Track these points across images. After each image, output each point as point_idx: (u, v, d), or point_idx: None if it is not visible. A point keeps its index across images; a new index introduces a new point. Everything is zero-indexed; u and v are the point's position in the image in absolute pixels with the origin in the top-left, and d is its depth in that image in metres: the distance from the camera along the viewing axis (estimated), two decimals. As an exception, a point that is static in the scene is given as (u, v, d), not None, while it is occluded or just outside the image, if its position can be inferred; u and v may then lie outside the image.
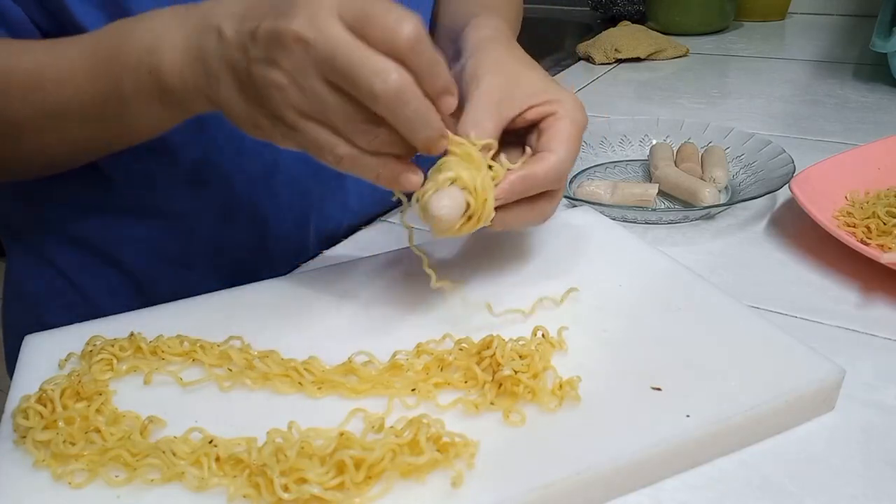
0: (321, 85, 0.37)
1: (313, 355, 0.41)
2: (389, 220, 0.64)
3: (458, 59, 0.48)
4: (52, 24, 0.49)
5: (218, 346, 0.42)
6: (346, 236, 0.62)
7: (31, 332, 0.45)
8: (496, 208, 0.42)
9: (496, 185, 0.41)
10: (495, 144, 0.42)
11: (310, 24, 0.36)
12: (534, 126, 0.45)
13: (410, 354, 0.41)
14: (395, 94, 0.36)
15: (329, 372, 0.40)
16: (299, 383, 0.39)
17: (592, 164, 0.72)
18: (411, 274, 0.50)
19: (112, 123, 0.46)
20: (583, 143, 0.71)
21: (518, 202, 0.43)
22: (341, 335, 0.44)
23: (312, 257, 0.58)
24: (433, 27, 0.68)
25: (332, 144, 0.39)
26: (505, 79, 0.45)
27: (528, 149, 0.44)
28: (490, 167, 0.41)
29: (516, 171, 0.42)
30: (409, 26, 0.36)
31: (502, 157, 0.43)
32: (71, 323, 0.46)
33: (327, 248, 0.60)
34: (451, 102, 0.40)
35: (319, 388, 0.39)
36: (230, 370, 0.41)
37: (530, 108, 0.45)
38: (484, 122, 0.43)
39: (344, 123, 0.38)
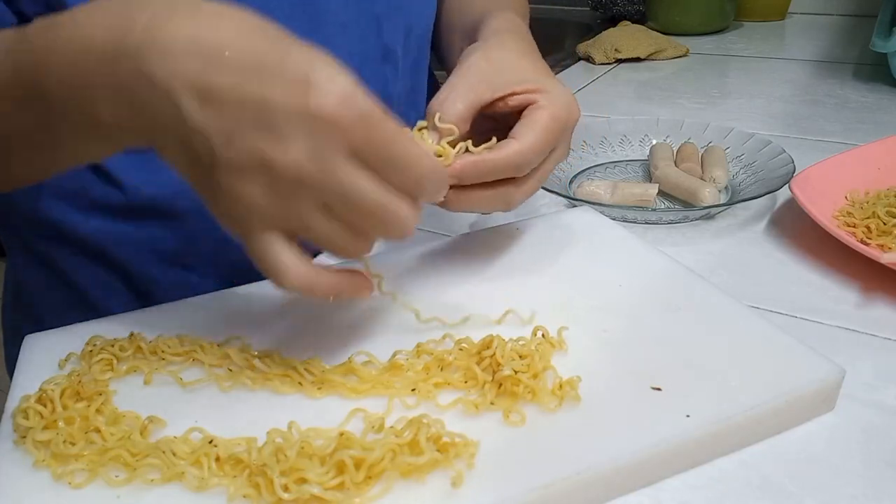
0: (313, 213, 0.34)
1: (313, 355, 0.41)
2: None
3: None
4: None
5: (218, 346, 0.42)
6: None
7: (31, 333, 0.45)
8: (451, 188, 0.42)
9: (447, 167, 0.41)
10: (456, 130, 0.42)
11: (315, 160, 0.32)
12: (516, 115, 0.45)
13: (410, 354, 0.41)
14: (407, 234, 0.36)
15: (329, 372, 0.40)
16: (299, 383, 0.39)
17: (592, 164, 0.72)
18: (411, 274, 0.50)
19: (43, 151, 0.40)
20: (583, 143, 0.72)
21: (475, 186, 0.43)
22: (341, 335, 0.44)
23: (312, 257, 0.58)
24: (438, 26, 0.69)
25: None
26: (490, 63, 0.45)
27: (493, 137, 0.43)
28: (440, 154, 0.41)
29: (471, 156, 0.42)
30: (436, 177, 0.36)
31: (469, 143, 0.42)
32: (71, 323, 0.46)
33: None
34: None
35: (319, 388, 0.39)
36: (230, 370, 0.41)
37: (512, 94, 0.44)
38: (455, 102, 0.42)
39: (330, 244, 0.36)
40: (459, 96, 0.42)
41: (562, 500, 0.33)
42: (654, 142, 0.73)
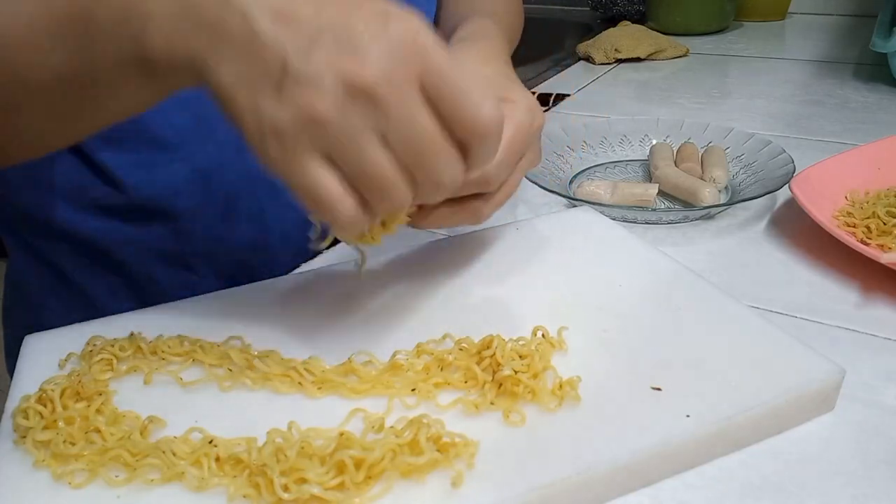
0: (372, 137, 0.33)
1: (313, 355, 0.41)
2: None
3: None
4: None
5: (218, 346, 0.42)
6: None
7: (31, 333, 0.45)
8: (419, 207, 0.42)
9: None
10: None
11: (389, 81, 0.32)
12: None
13: (410, 354, 0.41)
14: (451, 187, 0.36)
15: (329, 372, 0.40)
16: (299, 383, 0.39)
17: (592, 164, 0.72)
18: (412, 274, 0.50)
19: (76, 101, 0.39)
20: (583, 143, 0.73)
21: (443, 203, 0.42)
22: (341, 335, 0.44)
23: (312, 257, 0.58)
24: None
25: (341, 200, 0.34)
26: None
27: None
28: None
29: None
30: (495, 123, 0.34)
31: None
32: (71, 323, 0.46)
33: (327, 248, 0.60)
34: None
35: (319, 388, 0.39)
36: (230, 370, 0.41)
37: None
38: None
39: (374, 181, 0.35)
40: None
41: (562, 500, 0.33)
42: (654, 142, 0.73)
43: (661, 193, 0.64)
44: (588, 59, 1.13)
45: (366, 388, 0.39)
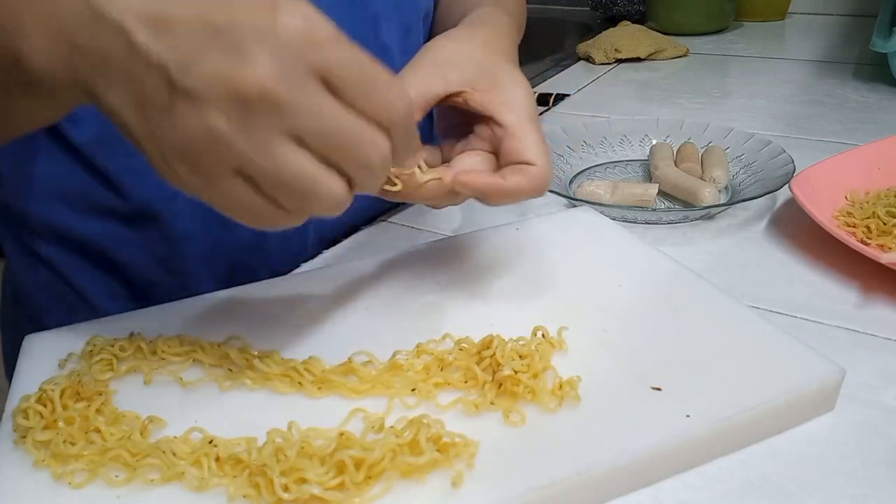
0: (284, 143, 0.31)
1: (313, 355, 0.41)
2: (389, 220, 0.64)
3: None
4: None
5: (218, 346, 0.42)
6: (346, 236, 0.62)
7: (30, 333, 0.45)
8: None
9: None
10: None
11: (284, 80, 0.30)
12: (481, 116, 0.44)
13: (410, 354, 0.41)
14: (383, 167, 0.34)
15: (329, 372, 0.40)
16: (299, 383, 0.39)
17: (592, 164, 0.72)
18: (412, 274, 0.50)
19: None
20: (583, 143, 0.73)
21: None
22: (341, 335, 0.44)
23: (312, 257, 0.58)
24: (434, 23, 0.69)
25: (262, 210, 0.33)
26: (447, 54, 0.44)
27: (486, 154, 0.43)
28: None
29: (496, 180, 0.41)
30: (406, 103, 0.34)
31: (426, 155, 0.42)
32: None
33: (327, 248, 0.60)
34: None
35: (319, 388, 0.39)
36: (230, 370, 0.41)
37: (472, 90, 0.43)
38: (410, 89, 0.41)
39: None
40: (409, 88, 0.41)
41: (562, 500, 0.33)
42: (654, 142, 0.73)
43: (661, 193, 0.64)
44: (588, 59, 1.13)
45: (366, 388, 0.39)
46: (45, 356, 0.43)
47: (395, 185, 0.40)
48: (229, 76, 0.29)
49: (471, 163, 0.44)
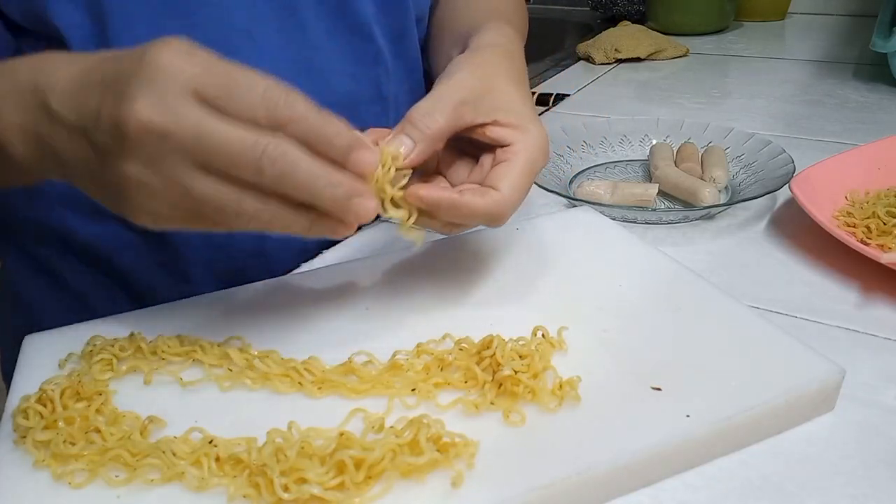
0: (193, 175, 0.33)
1: (313, 355, 0.41)
2: (389, 220, 0.64)
3: None
4: (27, 19, 0.49)
5: (218, 346, 0.42)
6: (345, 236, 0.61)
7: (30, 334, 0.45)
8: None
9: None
10: (407, 175, 0.40)
11: (160, 108, 0.31)
12: (489, 147, 0.43)
13: (410, 354, 0.41)
14: (279, 166, 0.33)
15: (329, 372, 0.40)
16: (299, 383, 0.39)
17: (592, 164, 0.72)
18: (412, 274, 0.50)
19: None
20: (583, 143, 0.73)
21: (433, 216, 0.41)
22: (341, 335, 0.44)
23: (312, 257, 0.58)
24: (430, 32, 0.68)
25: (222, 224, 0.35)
26: (480, 83, 0.42)
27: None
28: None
29: (451, 194, 0.40)
30: (281, 96, 0.33)
31: (418, 186, 0.40)
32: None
33: (327, 248, 0.60)
34: (363, 157, 0.36)
35: (319, 388, 0.39)
36: (230, 370, 0.41)
37: (495, 123, 0.42)
38: (434, 114, 0.40)
39: (228, 208, 0.34)
40: (442, 113, 0.40)
41: (562, 500, 0.33)
42: (654, 142, 0.73)
43: (661, 193, 0.64)
44: (588, 59, 1.13)
45: (366, 388, 0.39)
46: (45, 356, 0.43)
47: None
48: (116, 119, 0.32)
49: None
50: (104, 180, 0.34)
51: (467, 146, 0.45)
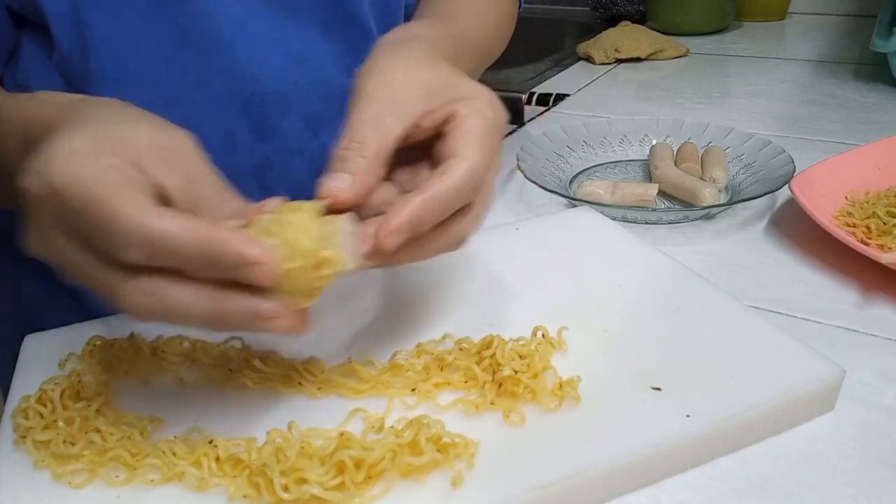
0: (62, 241, 0.34)
1: (313, 355, 0.41)
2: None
3: None
4: (21, 4, 0.49)
5: (218, 346, 0.42)
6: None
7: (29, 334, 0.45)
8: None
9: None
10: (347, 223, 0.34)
11: (40, 243, 0.35)
12: (438, 136, 0.37)
13: (410, 354, 0.41)
14: (161, 313, 0.32)
15: (329, 372, 0.40)
16: (299, 383, 0.39)
17: (592, 164, 0.72)
18: (412, 274, 0.50)
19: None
20: (583, 143, 0.72)
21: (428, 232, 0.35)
22: (341, 335, 0.44)
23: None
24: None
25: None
26: (391, 88, 0.37)
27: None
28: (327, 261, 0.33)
29: (416, 195, 0.34)
30: (156, 236, 0.30)
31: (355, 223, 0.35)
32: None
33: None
34: (258, 272, 0.30)
35: (319, 389, 0.39)
36: (230, 370, 0.41)
37: (426, 114, 0.37)
38: (357, 158, 0.35)
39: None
40: (363, 146, 0.35)
41: (562, 500, 0.33)
42: (654, 142, 0.73)
43: (661, 193, 0.64)
44: (588, 59, 1.13)
45: (366, 388, 0.39)
46: (45, 356, 0.43)
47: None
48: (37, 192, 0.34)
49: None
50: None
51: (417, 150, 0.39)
